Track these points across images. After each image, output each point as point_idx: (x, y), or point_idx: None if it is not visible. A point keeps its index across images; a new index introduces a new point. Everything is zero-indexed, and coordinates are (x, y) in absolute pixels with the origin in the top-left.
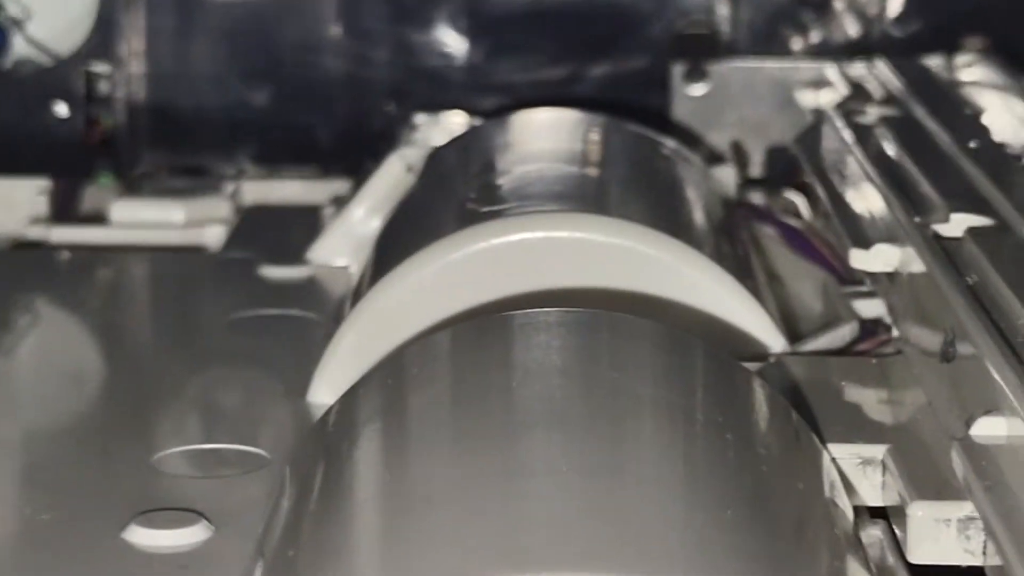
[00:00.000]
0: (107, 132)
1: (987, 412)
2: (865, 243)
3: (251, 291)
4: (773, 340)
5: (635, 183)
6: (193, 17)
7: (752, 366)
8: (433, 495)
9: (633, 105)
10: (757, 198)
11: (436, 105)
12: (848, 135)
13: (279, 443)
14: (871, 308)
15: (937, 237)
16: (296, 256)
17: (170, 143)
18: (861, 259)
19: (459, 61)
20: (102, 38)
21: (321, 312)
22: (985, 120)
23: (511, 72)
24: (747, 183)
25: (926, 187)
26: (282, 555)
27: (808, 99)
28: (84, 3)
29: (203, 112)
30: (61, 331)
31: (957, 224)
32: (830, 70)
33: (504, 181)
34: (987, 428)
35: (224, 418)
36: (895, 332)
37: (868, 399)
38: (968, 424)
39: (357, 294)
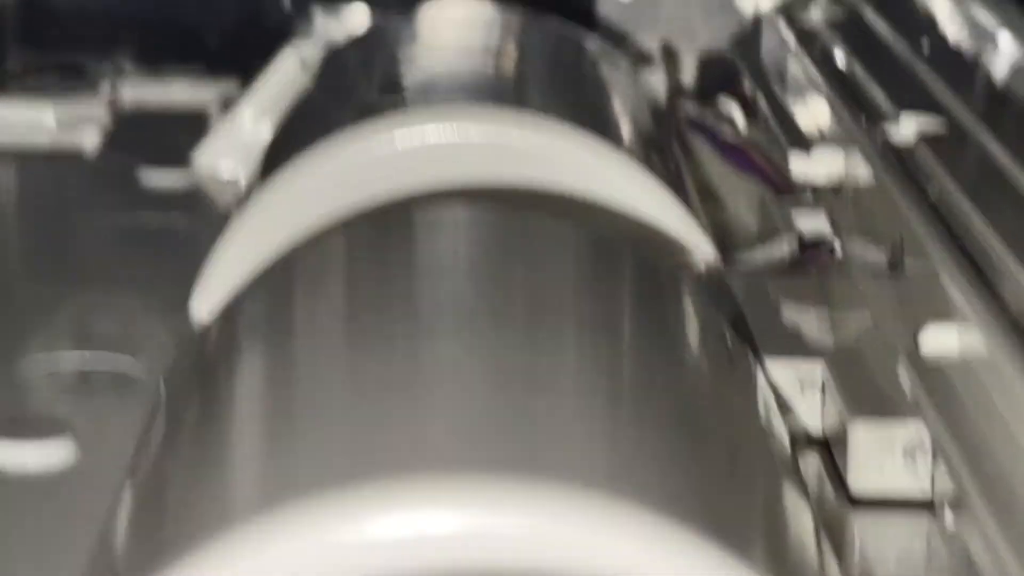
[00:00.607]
0: None
1: (937, 321)
2: (807, 147)
3: (130, 199)
4: (705, 252)
5: (554, 81)
6: None
7: (683, 275)
8: (321, 404)
9: (554, 1)
10: (689, 107)
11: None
12: (791, 38)
13: (155, 359)
14: (813, 222)
15: (886, 143)
16: (179, 162)
17: (40, 39)
18: (802, 164)
19: None
20: None
21: (206, 220)
22: (939, 23)
23: None
24: (678, 91)
25: (875, 91)
26: (153, 475)
27: (747, 1)
28: None
29: (77, 4)
30: None
31: (908, 128)
32: None
33: (409, 78)
34: (938, 339)
35: (97, 333)
36: (838, 247)
37: (807, 317)
38: (916, 337)
39: (245, 199)
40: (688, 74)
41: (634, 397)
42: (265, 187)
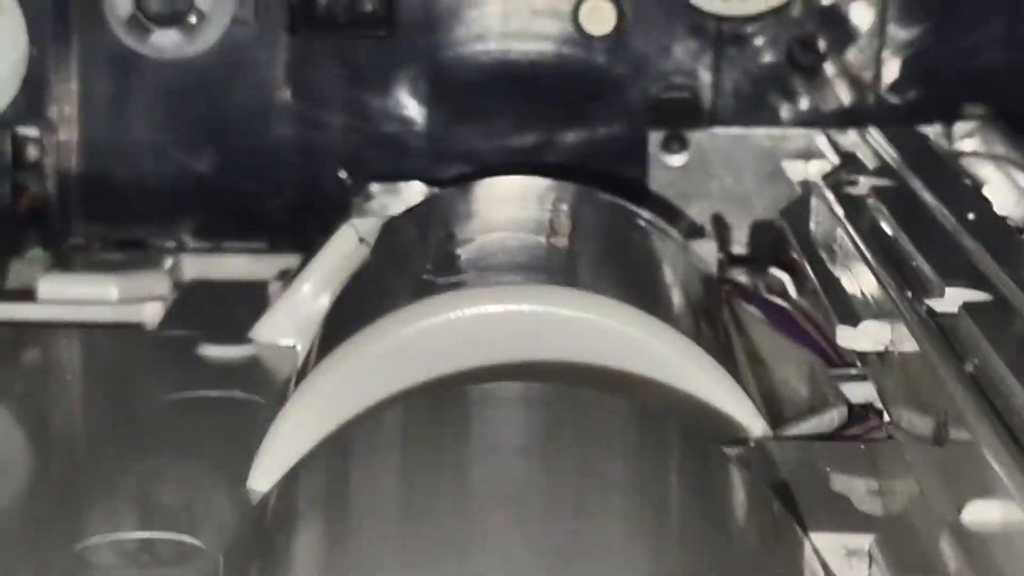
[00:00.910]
0: (35, 202)
1: (980, 496)
2: (854, 321)
3: (190, 371)
4: (754, 423)
5: (606, 255)
6: (130, 77)
7: (731, 451)
8: None
9: (607, 174)
10: (740, 275)
11: (393, 175)
12: (838, 207)
13: (215, 532)
14: (861, 392)
15: (931, 313)
16: (239, 335)
17: (104, 214)
18: (848, 337)
19: (418, 127)
20: (30, 99)
21: (265, 394)
22: (986, 192)
23: (474, 139)
24: (729, 259)
25: (920, 261)
26: None
27: (796, 170)
28: (10, 61)
29: (140, 181)
30: None
31: (952, 300)
32: (820, 139)
33: (464, 251)
34: (980, 513)
35: (157, 505)
36: (886, 417)
37: (856, 487)
38: (960, 509)
39: (303, 374)
40: (739, 243)
41: (679, 573)
42: (324, 362)
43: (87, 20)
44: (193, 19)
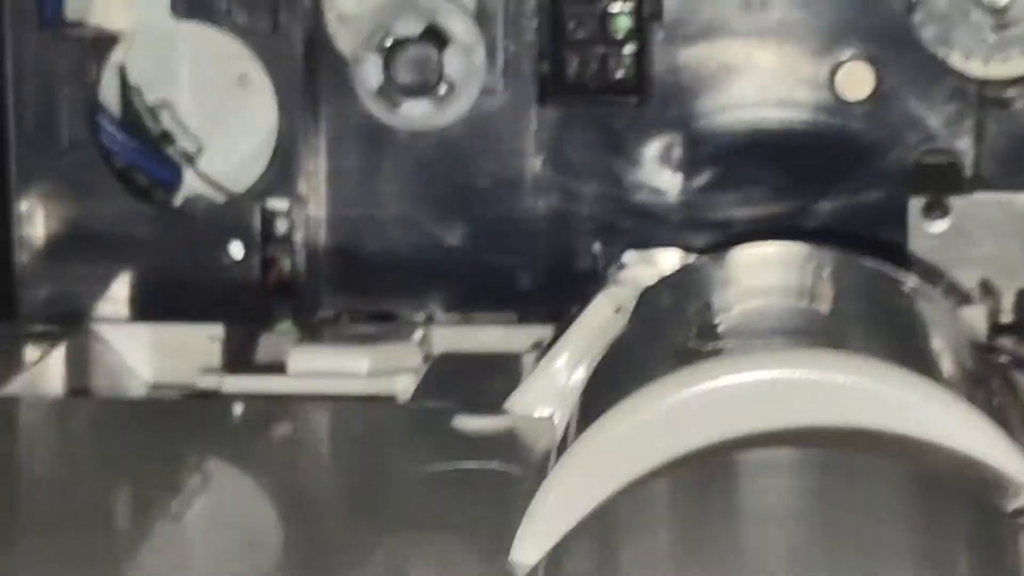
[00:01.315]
0: (285, 275)
1: None
2: None
3: (445, 443)
4: None
5: (872, 320)
6: (379, 149)
7: (1020, 520)
8: None
9: (867, 241)
10: (1011, 344)
11: (647, 244)
12: None
13: None
14: None
15: None
16: (493, 406)
17: (353, 287)
18: None
19: (672, 196)
20: (279, 173)
21: (523, 465)
22: None
23: (730, 207)
24: (997, 328)
25: None
26: None
27: None
28: (260, 136)
29: (389, 253)
30: (236, 488)
31: None
32: None
33: (725, 319)
34: None
35: None
36: None
37: None
38: None
39: (563, 445)
40: (1005, 311)
41: None
42: (587, 431)
43: (336, 92)
44: (443, 89)
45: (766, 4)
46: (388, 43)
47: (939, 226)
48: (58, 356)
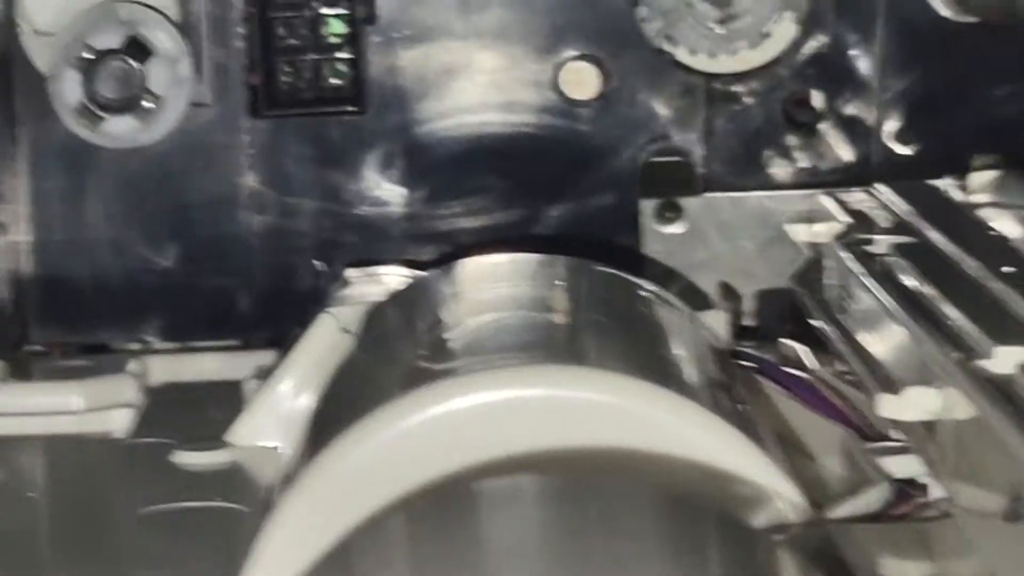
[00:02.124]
0: None
1: None
2: (895, 388)
3: (165, 481)
4: (794, 505)
5: (612, 331)
6: (83, 170)
7: (775, 536)
8: None
9: (599, 246)
10: (751, 347)
11: (371, 260)
12: (857, 268)
13: None
14: (904, 466)
15: (985, 378)
16: (215, 439)
17: (62, 317)
18: (891, 406)
19: (395, 208)
20: None
21: (248, 501)
22: (1015, 243)
23: (456, 217)
24: (739, 331)
25: (961, 320)
26: None
27: (801, 233)
28: None
29: (99, 279)
30: None
31: (1005, 360)
32: (825, 200)
33: (457, 335)
34: None
35: None
36: (938, 491)
37: (909, 571)
38: None
39: (290, 478)
40: (748, 313)
41: None
42: (315, 462)
43: (35, 110)
44: (148, 104)
45: (485, 4)
46: (87, 57)
47: (673, 228)
48: None
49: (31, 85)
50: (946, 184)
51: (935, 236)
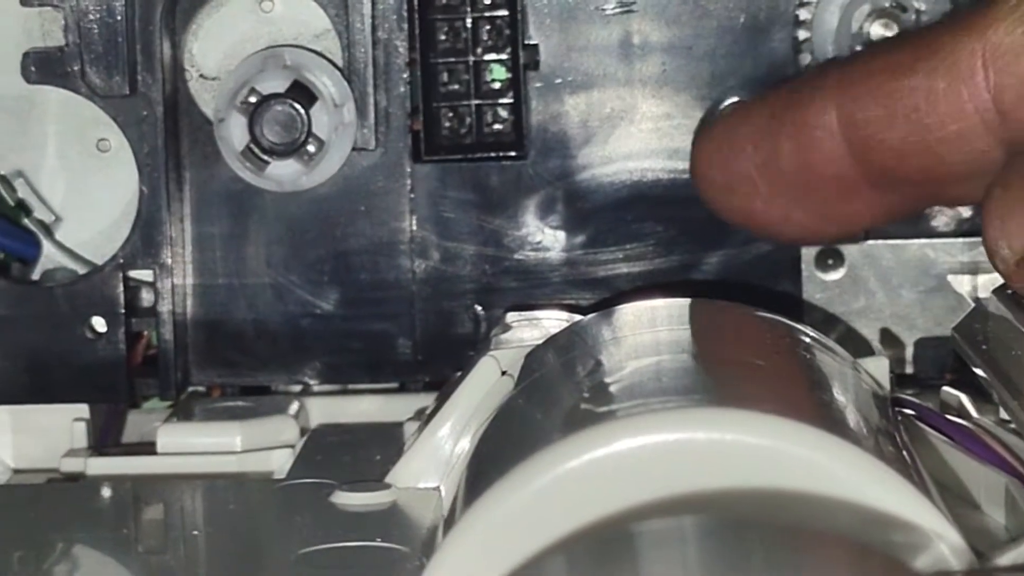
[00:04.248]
0: (151, 349)
1: None
2: None
3: (325, 521)
4: (958, 551)
5: (772, 373)
6: (246, 213)
7: None
8: None
9: (760, 292)
10: (912, 395)
11: (530, 304)
12: (1021, 318)
13: None
14: None
15: None
16: (375, 480)
17: (224, 359)
18: None
19: (555, 253)
20: (143, 241)
21: (409, 542)
22: None
23: (615, 263)
24: (899, 378)
25: None
26: None
27: (964, 283)
28: (121, 203)
29: (260, 322)
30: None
31: None
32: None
33: (618, 378)
34: None
35: None
36: None
37: None
38: None
39: (451, 519)
40: (909, 361)
41: None
42: (477, 502)
43: (200, 154)
44: (311, 148)
45: (647, 51)
46: (252, 101)
47: (833, 275)
48: None
49: (197, 129)
50: None
51: None
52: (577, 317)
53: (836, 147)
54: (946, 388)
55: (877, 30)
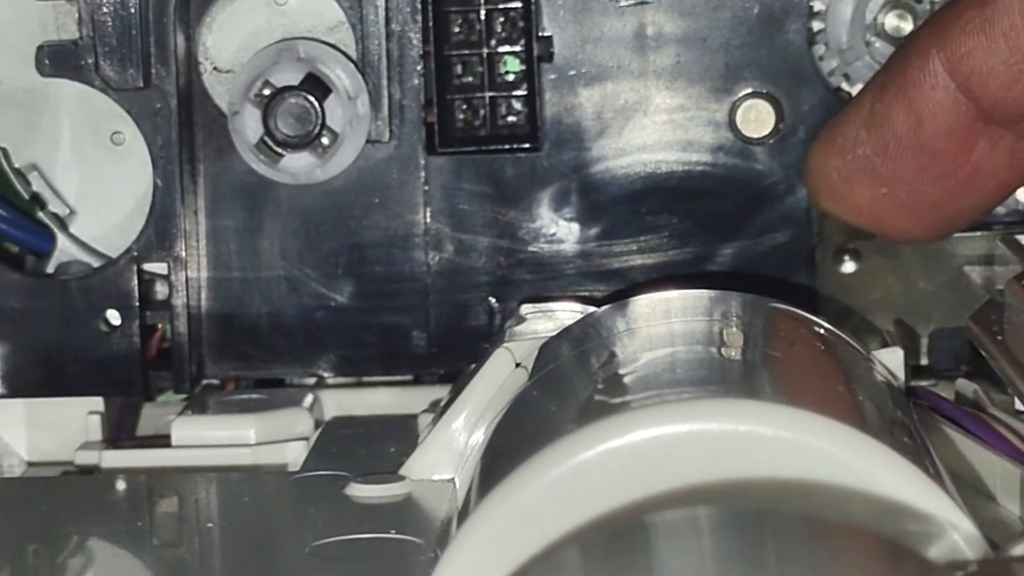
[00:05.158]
0: (166, 342)
1: None
2: None
3: (339, 513)
4: (972, 541)
5: (786, 365)
6: (261, 206)
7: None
8: None
9: (774, 283)
10: (927, 386)
11: (544, 296)
12: None
13: None
14: None
15: None
16: (389, 472)
17: (238, 352)
18: None
19: (569, 245)
20: (157, 235)
21: (423, 534)
22: None
23: (629, 255)
24: (914, 369)
25: None
26: None
27: (979, 275)
28: (135, 196)
29: (275, 315)
30: (120, 569)
31: None
32: (1002, 242)
33: (633, 369)
34: None
35: None
36: None
37: None
38: None
39: (465, 511)
40: (924, 352)
41: None
42: (492, 494)
43: (214, 147)
44: (325, 140)
45: (661, 43)
46: (266, 94)
47: (848, 267)
48: None
49: (211, 122)
50: None
51: None
52: (591, 309)
53: (946, 93)
54: (961, 379)
55: (892, 21)
